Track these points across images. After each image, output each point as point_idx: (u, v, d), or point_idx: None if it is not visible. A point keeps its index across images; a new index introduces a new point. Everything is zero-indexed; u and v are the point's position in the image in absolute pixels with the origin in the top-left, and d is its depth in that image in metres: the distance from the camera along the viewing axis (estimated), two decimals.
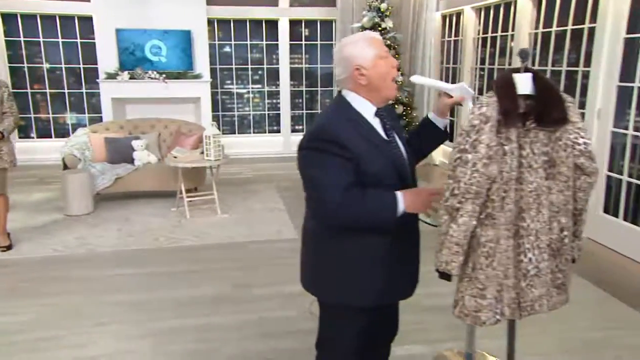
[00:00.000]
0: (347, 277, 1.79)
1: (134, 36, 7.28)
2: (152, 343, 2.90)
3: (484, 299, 1.69)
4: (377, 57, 1.71)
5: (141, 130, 6.15)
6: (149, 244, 4.45)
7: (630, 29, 3.97)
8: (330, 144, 1.64)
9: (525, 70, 1.70)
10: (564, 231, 1.73)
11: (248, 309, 3.29)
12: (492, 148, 1.60)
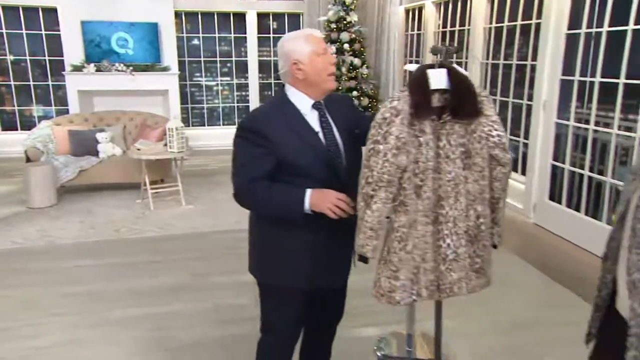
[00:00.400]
0: (282, 262, 1.88)
1: (99, 28, 7.18)
2: (106, 332, 2.93)
3: (397, 280, 1.77)
4: (313, 54, 1.77)
5: (106, 122, 6.09)
6: (111, 235, 4.45)
7: (571, 25, 4.09)
8: (254, 134, 1.74)
9: (440, 65, 1.77)
10: (480, 218, 1.81)
11: (205, 297, 3.34)
12: (400, 139, 1.67)
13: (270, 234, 1.90)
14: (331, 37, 7.30)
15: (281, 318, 1.98)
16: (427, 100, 1.69)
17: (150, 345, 2.81)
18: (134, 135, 6.05)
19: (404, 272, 1.77)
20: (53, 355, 2.71)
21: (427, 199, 1.73)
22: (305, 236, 1.84)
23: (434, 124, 1.71)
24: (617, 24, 3.66)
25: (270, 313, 2.00)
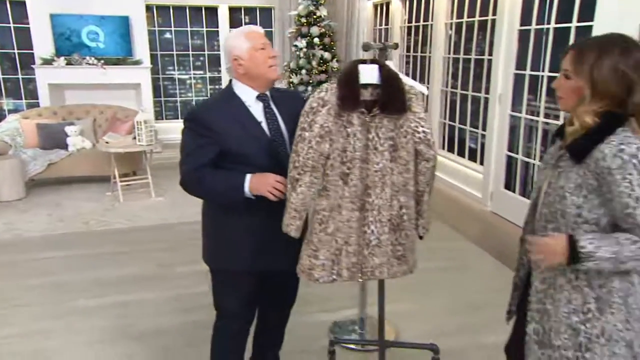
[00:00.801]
0: (228, 246, 1.95)
1: (69, 21, 7.06)
2: (70, 322, 2.95)
3: (317, 259, 1.86)
4: (252, 49, 1.84)
5: (76, 116, 6.04)
6: (79, 227, 4.45)
7: (523, 22, 4.20)
8: (199, 125, 1.82)
9: (372, 61, 1.84)
10: (402, 209, 1.88)
11: (169, 287, 3.38)
12: (324, 128, 1.75)
13: (216, 220, 1.97)
14: (301, 31, 7.32)
15: (232, 302, 2.04)
16: (354, 94, 1.76)
17: (113, 333, 2.85)
18: (104, 128, 6.02)
19: (323, 252, 1.85)
20: (16, 345, 2.73)
21: (354, 186, 1.81)
22: (247, 220, 1.90)
23: (363, 116, 1.78)
24: (562, 21, 3.77)
25: (222, 298, 2.06)
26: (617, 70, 1.33)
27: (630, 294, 1.38)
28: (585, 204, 1.38)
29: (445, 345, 2.56)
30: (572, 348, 1.42)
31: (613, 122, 1.35)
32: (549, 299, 1.48)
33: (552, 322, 1.46)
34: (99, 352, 2.67)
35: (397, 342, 2.68)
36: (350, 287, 2.98)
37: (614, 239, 1.32)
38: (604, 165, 1.32)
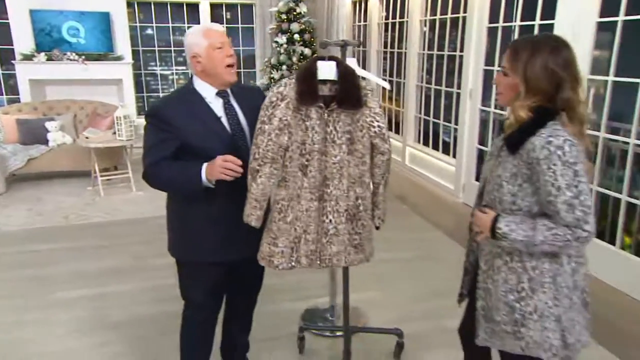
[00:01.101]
0: (190, 238, 1.98)
1: (49, 17, 6.98)
2: (48, 313, 2.98)
3: (276, 247, 1.90)
4: (210, 48, 1.85)
5: (56, 111, 6.01)
6: (59, 222, 4.45)
7: (491, 19, 4.28)
8: (159, 120, 1.84)
9: (330, 58, 1.89)
10: (359, 200, 1.94)
11: (144, 278, 3.41)
12: (283, 121, 1.80)
13: (179, 213, 2.00)
14: (282, 28, 7.33)
15: (198, 293, 2.07)
16: (311, 89, 1.80)
17: (89, 323, 2.88)
18: (85, 123, 6.00)
19: (282, 240, 1.90)
20: None
21: (312, 177, 1.86)
22: (209, 211, 1.92)
23: (321, 111, 1.83)
24: (527, 19, 3.86)
25: (188, 289, 2.09)
26: (547, 68, 1.40)
27: (558, 274, 1.47)
28: (520, 192, 1.46)
29: (410, 330, 2.65)
30: (510, 323, 1.51)
31: (544, 116, 1.43)
32: (489, 279, 1.57)
33: (493, 300, 1.56)
34: (75, 342, 2.70)
35: (363, 327, 2.75)
36: (322, 277, 3.05)
37: (531, 224, 1.42)
38: (533, 156, 1.39)
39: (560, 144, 1.36)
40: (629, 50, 3.02)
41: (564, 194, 1.36)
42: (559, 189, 1.36)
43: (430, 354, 2.55)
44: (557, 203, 1.37)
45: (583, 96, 1.47)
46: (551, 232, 1.38)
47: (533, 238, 1.40)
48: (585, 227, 1.36)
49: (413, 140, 6.01)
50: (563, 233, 1.37)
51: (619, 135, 3.21)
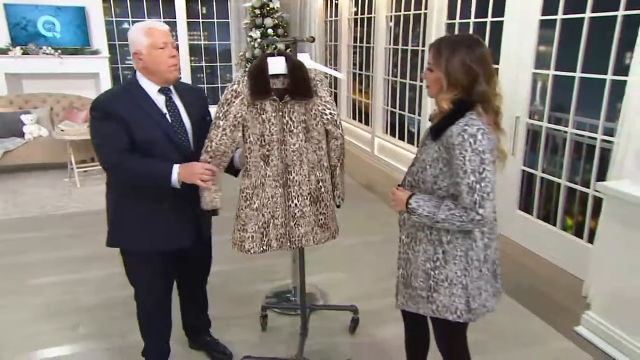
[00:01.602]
0: (130, 227, 1.98)
1: (24, 11, 6.88)
2: (17, 299, 3.02)
3: (245, 232, 2.00)
4: (151, 47, 1.82)
5: (32, 105, 5.96)
6: (35, 212, 4.46)
7: (450, 16, 4.41)
8: (106, 114, 1.82)
9: (279, 54, 1.97)
10: (319, 182, 2.05)
11: (115, 265, 3.36)
12: (238, 118, 1.88)
13: (116, 203, 1.98)
14: (256, 22, 7.35)
15: (141, 279, 2.09)
16: (263, 84, 1.88)
17: (57, 308, 2.93)
18: (61, 117, 5.97)
19: (251, 225, 1.99)
20: None
21: (274, 166, 1.96)
22: (144, 202, 1.93)
23: (275, 103, 1.91)
24: (480, 16, 3.99)
25: (132, 275, 2.11)
26: (464, 63, 1.52)
27: (471, 248, 1.61)
28: (440, 174, 1.59)
29: (369, 307, 2.78)
30: (425, 289, 1.66)
31: (463, 107, 1.55)
32: (411, 250, 1.71)
33: (412, 268, 1.70)
34: (46, 325, 2.76)
35: (319, 305, 2.86)
36: (286, 260, 3.15)
37: (436, 203, 1.56)
38: (450, 142, 1.52)
39: (473, 132, 1.48)
40: (567, 46, 3.17)
41: (468, 178, 1.48)
42: (465, 172, 1.48)
43: (382, 328, 2.67)
44: (461, 185, 1.50)
45: (497, 90, 1.59)
46: (450, 212, 1.51)
47: (435, 215, 1.53)
48: (479, 211, 1.48)
49: (381, 131, 6.14)
50: (459, 214, 1.51)
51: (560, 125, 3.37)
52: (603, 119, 2.93)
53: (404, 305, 1.78)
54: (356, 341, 2.60)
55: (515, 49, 3.51)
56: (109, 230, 2.04)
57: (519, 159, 3.64)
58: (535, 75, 3.48)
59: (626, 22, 2.75)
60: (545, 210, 3.59)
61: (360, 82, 6.82)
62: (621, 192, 2.31)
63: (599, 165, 3.01)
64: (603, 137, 2.97)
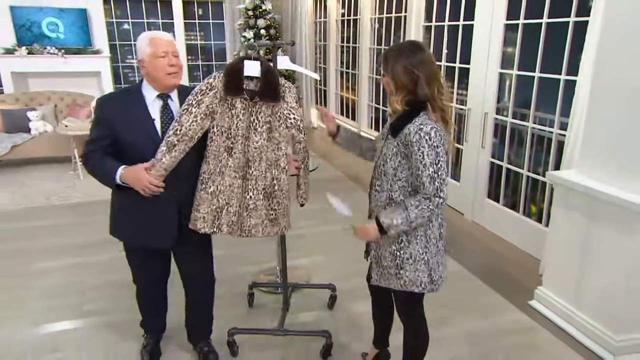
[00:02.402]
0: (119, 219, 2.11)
1: (29, 13, 6.98)
2: (25, 281, 3.16)
3: (198, 212, 2.04)
4: (152, 56, 1.90)
5: (38, 102, 6.07)
6: (41, 203, 4.59)
7: (427, 19, 4.55)
8: (100, 117, 1.95)
9: (255, 58, 2.09)
10: (274, 180, 2.09)
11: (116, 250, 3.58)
12: (209, 108, 1.97)
13: (114, 196, 2.09)
14: (249, 23, 7.44)
15: (133, 267, 2.24)
16: (236, 83, 1.98)
17: (63, 289, 3.07)
18: (65, 113, 6.08)
19: (203, 207, 2.03)
20: None
21: (237, 158, 2.03)
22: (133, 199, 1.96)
23: (246, 102, 2.01)
24: (453, 20, 4.14)
25: (128, 262, 2.24)
26: (406, 68, 1.67)
27: (429, 228, 1.77)
28: (399, 166, 1.74)
29: (345, 286, 2.94)
30: (393, 267, 1.81)
31: (417, 108, 1.70)
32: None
33: (382, 250, 1.85)
34: (54, 301, 2.91)
35: (300, 284, 3.02)
36: (272, 246, 3.31)
37: (402, 208, 1.68)
38: (409, 139, 1.67)
39: (428, 131, 1.64)
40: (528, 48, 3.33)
41: (428, 170, 1.64)
42: (425, 165, 1.64)
43: (356, 304, 2.83)
44: (423, 176, 1.65)
45: (442, 90, 1.73)
46: (418, 209, 1.66)
47: (408, 217, 1.66)
48: (441, 195, 1.65)
49: (366, 126, 6.30)
50: (427, 205, 1.65)
51: (524, 120, 3.54)
52: (558, 114, 3.11)
53: (377, 282, 1.91)
54: (333, 315, 2.78)
55: (483, 50, 3.67)
56: (110, 221, 2.17)
57: (487, 151, 3.82)
58: (501, 75, 3.64)
59: (577, 28, 2.91)
60: (511, 199, 3.76)
61: (347, 80, 6.96)
62: (567, 180, 2.48)
63: (556, 157, 3.19)
64: (559, 132, 3.14)
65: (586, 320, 2.48)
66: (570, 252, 2.53)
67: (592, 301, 2.45)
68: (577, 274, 2.51)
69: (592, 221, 2.39)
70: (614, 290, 2.32)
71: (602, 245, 2.35)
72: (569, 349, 2.46)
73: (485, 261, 3.38)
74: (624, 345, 2.33)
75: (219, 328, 2.47)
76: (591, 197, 2.35)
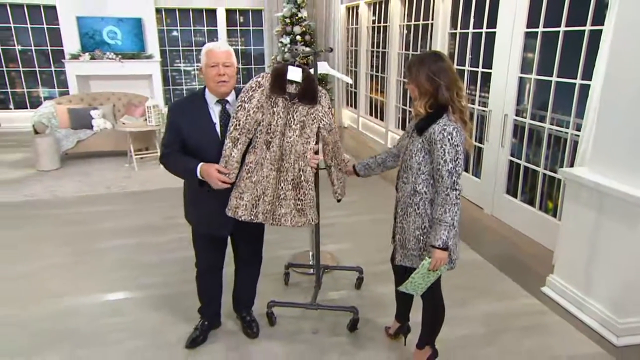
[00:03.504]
0: (189, 207, 2.25)
1: (92, 23, 7.42)
2: (93, 256, 3.45)
3: (242, 200, 2.15)
4: (206, 66, 2.02)
5: (99, 102, 6.45)
6: (103, 190, 4.92)
7: (452, 26, 4.62)
8: (172, 121, 2.08)
9: (298, 65, 2.26)
10: (300, 172, 2.20)
11: (172, 232, 3.83)
12: (260, 103, 2.11)
13: (185, 186, 2.23)
14: (286, 30, 7.63)
15: (197, 249, 2.35)
16: (279, 85, 2.13)
17: (125, 263, 3.34)
18: (122, 112, 6.44)
19: (247, 195, 2.15)
20: (55, 271, 3.24)
21: (273, 152, 2.16)
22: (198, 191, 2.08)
23: (286, 102, 2.16)
24: (477, 27, 4.20)
25: (193, 243, 2.36)
26: (428, 76, 1.80)
27: None
28: (423, 161, 1.88)
29: (370, 270, 3.08)
30: (417, 249, 1.95)
31: (440, 110, 1.83)
32: (405, 220, 1.99)
33: (406, 234, 1.98)
34: (115, 274, 3.18)
35: (331, 265, 3.19)
36: (305, 233, 3.47)
37: (437, 223, 1.81)
38: (433, 138, 1.80)
39: (450, 131, 1.77)
40: (546, 54, 3.38)
41: (448, 165, 1.77)
42: (445, 161, 1.78)
43: (380, 286, 2.97)
44: (442, 170, 1.78)
45: (461, 93, 1.85)
46: (445, 209, 1.79)
47: (447, 223, 1.80)
48: (457, 187, 1.78)
49: (394, 125, 6.39)
50: (450, 201, 1.78)
51: (542, 121, 3.59)
52: (573, 116, 3.15)
53: (402, 262, 2.04)
54: (360, 295, 2.93)
55: (505, 55, 3.73)
56: (184, 208, 2.30)
57: (506, 150, 3.88)
58: (521, 79, 3.69)
59: (592, 36, 2.95)
60: (528, 195, 3.82)
61: (376, 83, 7.06)
62: (578, 176, 2.54)
63: (571, 156, 3.24)
64: (573, 132, 3.18)
65: (593, 305, 2.55)
66: (581, 243, 2.60)
67: (600, 288, 2.52)
68: (586, 263, 2.58)
69: (601, 215, 2.46)
70: (620, 278, 2.39)
71: (610, 237, 2.42)
72: (576, 330, 2.54)
73: (502, 251, 3.46)
74: (627, 327, 2.39)
75: (259, 302, 2.64)
76: (601, 193, 2.42)
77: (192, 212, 2.25)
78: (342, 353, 2.39)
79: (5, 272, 3.23)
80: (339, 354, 2.38)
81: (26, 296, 2.92)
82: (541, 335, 2.52)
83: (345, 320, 2.60)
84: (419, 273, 1.91)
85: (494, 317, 2.68)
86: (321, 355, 2.38)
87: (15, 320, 2.68)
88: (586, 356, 2.36)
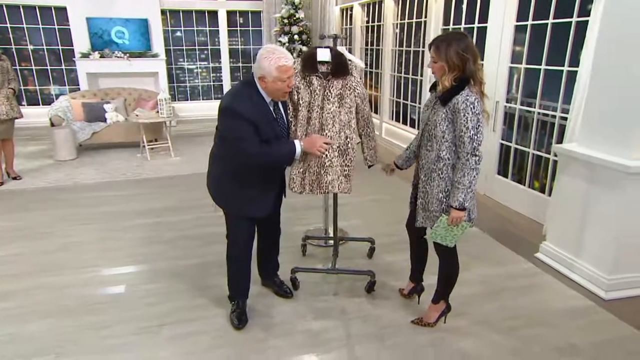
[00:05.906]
0: (229, 196, 2.18)
1: (101, 23, 7.36)
2: (118, 233, 3.49)
3: (293, 175, 2.29)
4: (277, 79, 1.94)
5: (111, 96, 6.43)
6: (119, 177, 4.92)
7: (445, 22, 4.73)
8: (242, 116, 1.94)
9: (326, 47, 2.34)
10: (347, 139, 2.31)
11: (188, 213, 3.89)
12: (298, 84, 2.24)
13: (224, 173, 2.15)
14: (284, 30, 7.70)
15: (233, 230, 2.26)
16: (310, 64, 2.24)
17: (148, 240, 3.38)
18: (133, 106, 6.43)
19: (295, 170, 2.27)
20: (87, 246, 3.27)
21: (313, 125, 2.27)
22: (244, 179, 2.11)
23: (320, 80, 2.26)
24: (469, 22, 4.31)
25: (228, 226, 2.27)
26: (457, 52, 1.88)
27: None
28: (447, 129, 1.96)
29: (379, 242, 3.17)
30: (438, 211, 2.03)
31: (463, 82, 1.91)
32: (428, 185, 2.06)
33: (429, 197, 2.06)
34: (138, 249, 3.22)
35: (346, 237, 3.27)
36: (318, 211, 3.55)
37: (456, 185, 1.91)
38: (457, 107, 1.89)
39: (472, 101, 1.86)
40: (535, 45, 3.51)
41: (469, 132, 1.86)
42: (467, 128, 1.86)
43: (390, 256, 3.07)
44: (465, 137, 1.87)
45: (481, 68, 1.94)
46: (464, 173, 1.89)
47: (465, 186, 1.90)
48: (477, 153, 1.88)
49: (388, 117, 6.50)
50: (469, 166, 1.87)
51: (531, 107, 3.72)
52: (561, 101, 3.28)
53: (423, 223, 2.11)
54: (372, 263, 3.02)
55: (496, 48, 3.85)
56: (220, 196, 2.21)
57: (498, 134, 4.01)
58: (511, 69, 3.82)
59: (578, 26, 3.08)
60: (518, 175, 3.95)
61: (371, 79, 7.15)
62: (570, 151, 2.67)
63: (558, 138, 3.37)
64: (561, 115, 3.32)
65: (584, 265, 2.68)
66: (572, 211, 2.73)
67: (589, 250, 2.65)
68: (577, 229, 2.71)
69: (590, 184, 2.59)
70: (608, 239, 2.52)
71: (599, 202, 2.55)
72: (568, 288, 2.67)
73: (497, 225, 3.58)
74: (614, 283, 2.53)
75: (281, 271, 2.71)
76: (589, 164, 2.55)
77: (233, 199, 2.16)
78: (361, 310, 2.48)
79: (44, 246, 3.27)
80: (359, 311, 2.47)
81: (66, 266, 2.97)
82: (536, 293, 2.64)
83: (361, 284, 2.69)
84: (439, 227, 2.01)
85: (493, 278, 2.80)
86: (343, 313, 2.46)
87: (60, 286, 2.73)
88: (578, 308, 2.49)
